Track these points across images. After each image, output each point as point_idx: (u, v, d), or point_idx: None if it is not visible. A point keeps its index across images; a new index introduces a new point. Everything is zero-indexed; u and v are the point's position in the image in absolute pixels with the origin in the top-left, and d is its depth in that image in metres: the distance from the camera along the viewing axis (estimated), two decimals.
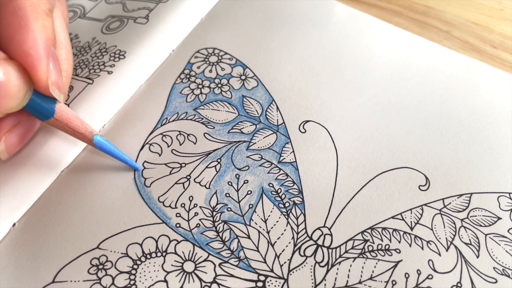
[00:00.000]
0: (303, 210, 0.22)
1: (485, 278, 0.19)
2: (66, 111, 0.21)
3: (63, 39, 0.23)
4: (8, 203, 0.22)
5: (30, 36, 0.18)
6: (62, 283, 0.20)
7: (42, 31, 0.19)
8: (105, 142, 0.22)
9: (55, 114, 0.20)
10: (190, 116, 0.25)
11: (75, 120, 0.21)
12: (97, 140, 0.21)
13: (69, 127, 0.21)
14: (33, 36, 0.18)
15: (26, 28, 0.18)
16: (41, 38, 0.19)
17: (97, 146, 0.22)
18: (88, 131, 0.21)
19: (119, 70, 0.27)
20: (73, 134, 0.21)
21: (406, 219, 0.21)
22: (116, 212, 0.22)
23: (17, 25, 0.18)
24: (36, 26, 0.18)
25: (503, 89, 0.26)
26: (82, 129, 0.21)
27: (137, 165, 0.23)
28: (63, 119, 0.21)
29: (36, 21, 0.19)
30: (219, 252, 0.20)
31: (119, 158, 0.22)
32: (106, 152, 0.22)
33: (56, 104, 0.20)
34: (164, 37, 0.29)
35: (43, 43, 0.19)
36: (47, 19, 0.19)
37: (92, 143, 0.21)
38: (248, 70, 0.27)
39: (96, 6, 0.32)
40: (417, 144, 0.24)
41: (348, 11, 0.30)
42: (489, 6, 0.31)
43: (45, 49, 0.19)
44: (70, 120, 0.21)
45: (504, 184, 0.22)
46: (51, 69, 0.19)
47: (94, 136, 0.21)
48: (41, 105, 0.20)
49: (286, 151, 0.24)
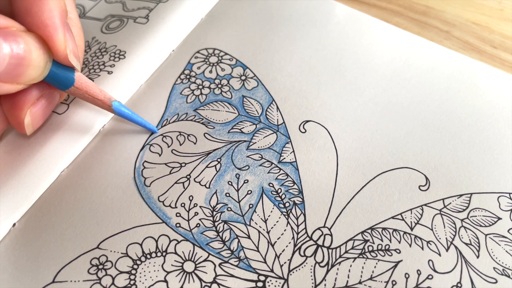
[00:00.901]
0: (303, 210, 0.22)
1: (485, 278, 0.19)
2: (84, 79, 0.22)
3: (74, 18, 0.24)
4: (8, 203, 0.22)
5: (46, 7, 0.19)
6: (62, 283, 0.20)
7: (56, 2, 0.19)
8: (123, 107, 0.23)
9: (75, 83, 0.21)
10: (190, 117, 0.25)
11: (94, 88, 0.22)
12: (115, 106, 0.23)
13: (89, 95, 0.22)
14: (48, 7, 0.19)
15: (42, 0, 0.19)
16: (56, 9, 0.19)
17: (116, 112, 0.23)
18: (107, 97, 0.22)
19: (119, 70, 0.27)
20: (92, 101, 0.22)
21: (406, 219, 0.21)
22: (116, 212, 0.22)
23: None
24: None
25: (503, 89, 0.26)
26: (101, 96, 0.22)
27: (155, 128, 0.24)
28: (82, 87, 0.21)
29: None
30: (219, 252, 0.20)
31: (137, 122, 0.24)
32: (124, 116, 0.23)
33: (75, 73, 0.21)
34: (164, 37, 0.29)
35: (58, 14, 0.19)
36: None
37: (111, 108, 0.23)
38: (248, 71, 0.27)
39: (96, 6, 0.32)
40: (417, 144, 0.24)
41: (348, 12, 0.30)
42: (489, 6, 0.31)
43: (61, 20, 0.19)
44: (89, 87, 0.22)
45: (504, 184, 0.22)
46: (68, 38, 0.20)
47: (112, 102, 0.22)
48: (61, 75, 0.20)
49: (286, 151, 0.24)
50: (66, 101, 0.25)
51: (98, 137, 0.25)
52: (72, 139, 0.24)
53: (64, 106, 0.25)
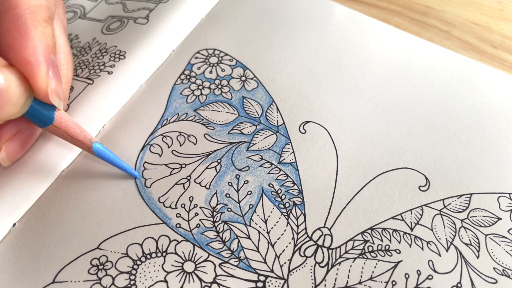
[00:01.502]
0: (303, 210, 0.22)
1: (485, 279, 0.19)
2: (65, 118, 0.21)
3: (62, 43, 0.23)
4: (8, 203, 0.22)
5: (30, 43, 0.18)
6: (62, 283, 0.20)
7: (41, 39, 0.19)
8: (104, 149, 0.22)
9: (55, 121, 0.20)
10: (191, 117, 0.25)
11: (74, 128, 0.21)
12: (96, 148, 0.22)
13: (68, 134, 0.21)
14: (32, 43, 0.18)
15: (25, 36, 0.18)
16: (41, 46, 0.19)
17: (96, 154, 0.22)
18: (88, 138, 0.21)
19: (119, 71, 0.27)
20: (72, 141, 0.21)
21: (406, 219, 0.21)
22: (116, 213, 0.22)
23: (17, 33, 0.18)
24: (35, 33, 0.18)
25: (503, 89, 0.26)
26: (81, 136, 0.21)
27: (137, 173, 0.23)
28: (62, 126, 0.21)
29: (36, 28, 0.19)
30: (219, 252, 0.20)
31: (118, 166, 0.22)
32: (105, 160, 0.22)
33: (56, 111, 0.20)
34: (164, 38, 0.29)
35: (42, 50, 0.19)
36: (46, 26, 0.19)
37: (91, 150, 0.22)
38: (248, 71, 0.27)
39: (96, 7, 0.32)
40: (417, 144, 0.24)
41: (347, 12, 0.30)
42: (489, 6, 0.31)
43: (45, 57, 0.19)
44: (69, 127, 0.21)
45: (504, 185, 0.22)
46: (51, 76, 0.19)
47: (93, 144, 0.21)
48: (40, 112, 0.20)
49: (286, 151, 0.24)
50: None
51: (98, 137, 0.25)
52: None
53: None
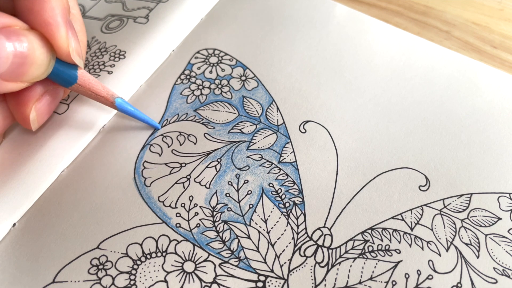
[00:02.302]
0: (303, 210, 0.22)
1: (485, 279, 0.19)
2: (87, 76, 0.22)
3: (76, 14, 0.24)
4: (8, 203, 0.22)
5: (48, 5, 0.19)
6: (62, 283, 0.20)
7: (58, 1, 0.19)
8: (126, 103, 0.23)
9: (78, 80, 0.21)
10: (191, 117, 0.25)
11: (97, 85, 0.22)
12: (118, 102, 0.23)
13: (91, 91, 0.22)
14: (50, 5, 0.19)
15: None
16: (58, 8, 0.19)
17: (119, 108, 0.23)
18: (110, 94, 0.23)
19: (119, 70, 0.27)
20: (95, 98, 0.22)
21: (406, 219, 0.21)
22: (116, 212, 0.22)
23: None
24: None
25: (503, 89, 0.26)
26: (104, 93, 0.22)
27: (157, 124, 0.24)
28: (85, 84, 0.22)
29: None
30: (219, 252, 0.20)
31: (140, 118, 0.24)
32: (127, 113, 0.23)
33: (78, 70, 0.21)
34: (164, 37, 0.29)
35: (60, 12, 0.19)
36: None
37: (114, 105, 0.23)
38: (248, 71, 0.27)
39: (96, 5, 0.32)
40: (417, 144, 0.24)
41: (348, 12, 0.30)
42: (489, 6, 0.31)
43: (63, 18, 0.19)
44: (92, 84, 0.22)
45: (504, 185, 0.22)
46: (70, 36, 0.20)
47: (115, 99, 0.23)
48: (64, 72, 0.21)
49: (286, 151, 0.24)
50: (66, 101, 0.25)
51: (98, 137, 0.25)
52: (72, 139, 0.24)
53: (64, 106, 0.25)
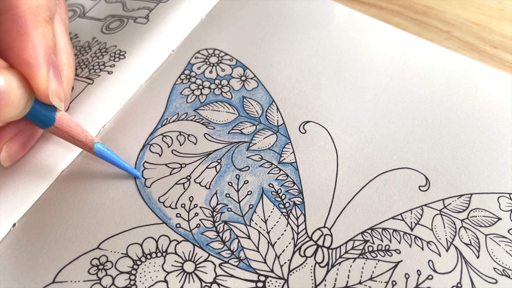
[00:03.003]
0: (303, 210, 0.22)
1: (485, 279, 0.19)
2: (66, 119, 0.21)
3: (63, 43, 0.23)
4: (8, 203, 0.22)
5: (30, 44, 0.18)
6: (62, 283, 0.20)
7: (41, 40, 0.19)
8: (106, 150, 0.22)
9: (56, 122, 0.20)
10: (191, 117, 0.25)
11: (76, 128, 0.21)
12: (97, 148, 0.22)
13: (69, 135, 0.21)
14: (32, 44, 0.18)
15: (25, 37, 0.18)
16: (41, 47, 0.18)
17: (98, 154, 0.22)
18: (89, 139, 0.21)
19: (119, 70, 0.27)
20: (73, 142, 0.21)
21: (406, 219, 0.21)
22: (116, 212, 0.22)
23: (17, 33, 0.18)
24: (35, 34, 0.18)
25: (503, 89, 0.26)
26: (83, 137, 0.21)
27: (138, 173, 0.23)
28: (63, 127, 0.21)
29: (36, 29, 0.18)
30: (219, 253, 0.20)
31: (120, 166, 0.22)
32: (107, 160, 0.22)
33: (57, 112, 0.20)
34: (164, 37, 0.29)
35: (42, 51, 0.18)
36: (47, 26, 0.19)
37: (92, 151, 0.22)
38: (248, 71, 0.27)
39: (96, 6, 0.32)
40: (417, 144, 0.24)
41: (348, 12, 0.30)
42: (489, 6, 0.31)
43: (45, 58, 0.18)
44: (71, 128, 0.21)
45: (504, 185, 0.22)
46: (51, 77, 0.19)
47: (94, 144, 0.21)
48: (41, 113, 0.20)
49: (286, 151, 0.24)
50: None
51: (98, 137, 0.25)
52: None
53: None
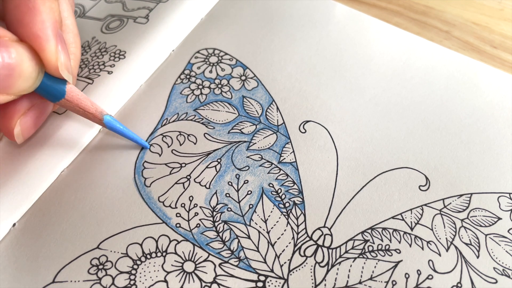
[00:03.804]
0: (303, 210, 0.22)
1: (485, 279, 0.19)
2: (76, 92, 0.21)
3: (70, 24, 0.24)
4: (8, 203, 0.22)
5: (38, 18, 0.19)
6: (62, 283, 0.20)
7: (49, 13, 0.19)
8: (115, 121, 0.22)
9: (66, 95, 0.21)
10: (190, 117, 0.25)
11: (85, 101, 0.21)
12: (107, 120, 0.22)
13: (79, 108, 0.21)
14: (41, 18, 0.19)
15: (34, 10, 0.19)
16: (49, 20, 0.19)
17: (107, 126, 0.22)
18: (98, 111, 0.22)
19: (119, 70, 0.27)
20: (83, 114, 0.22)
21: (406, 219, 0.21)
22: (116, 212, 0.22)
23: (26, 8, 0.19)
24: (43, 8, 0.19)
25: (503, 89, 0.26)
26: (92, 109, 0.22)
27: (146, 144, 0.23)
28: (73, 99, 0.21)
29: (44, 4, 0.19)
30: (219, 252, 0.20)
31: (129, 137, 0.23)
32: (116, 131, 0.23)
33: (66, 85, 0.21)
34: (164, 37, 0.29)
35: (51, 25, 0.19)
36: (53, 2, 0.20)
37: (102, 122, 0.22)
38: (248, 71, 0.27)
39: (96, 5, 0.32)
40: (417, 144, 0.24)
41: (348, 12, 0.30)
42: (489, 6, 0.31)
43: (53, 31, 0.19)
44: (80, 100, 0.21)
45: (504, 184, 0.22)
46: (60, 50, 0.19)
47: (104, 116, 0.22)
48: (52, 87, 0.20)
49: (286, 151, 0.24)
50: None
51: (98, 137, 0.25)
52: (72, 139, 0.24)
53: None
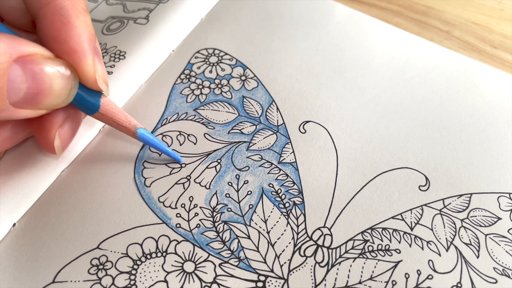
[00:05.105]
0: (303, 210, 0.22)
1: (485, 278, 0.19)
2: (111, 105, 0.21)
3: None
4: (8, 203, 0.22)
5: (74, 32, 0.19)
6: (62, 283, 0.20)
7: (84, 28, 0.19)
8: (149, 135, 0.22)
9: (100, 109, 0.21)
10: (190, 117, 0.25)
11: (120, 114, 0.21)
12: (140, 133, 0.22)
13: (113, 121, 0.21)
14: (77, 32, 0.19)
15: (69, 26, 0.19)
16: (85, 34, 0.19)
17: (141, 139, 0.22)
18: (132, 124, 0.22)
19: (119, 71, 0.27)
20: (117, 127, 0.22)
21: (406, 219, 0.21)
22: (116, 212, 0.22)
23: (60, 24, 0.19)
24: (78, 23, 0.19)
25: (503, 89, 0.26)
26: (126, 123, 0.22)
27: (180, 158, 0.23)
28: (108, 113, 0.21)
29: (78, 18, 0.19)
30: (219, 253, 0.20)
31: (162, 150, 0.23)
32: (150, 144, 0.23)
33: (101, 98, 0.21)
34: (164, 38, 0.29)
35: (87, 38, 0.19)
36: (86, 15, 0.20)
37: (135, 136, 0.22)
38: (248, 71, 0.27)
39: (97, 7, 0.32)
40: (417, 144, 0.24)
41: (348, 12, 0.30)
42: (489, 6, 0.31)
43: (90, 45, 0.19)
44: (115, 114, 0.21)
45: (504, 184, 0.22)
46: (97, 63, 0.19)
47: (137, 130, 0.22)
48: (87, 100, 0.20)
49: (286, 151, 0.24)
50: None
51: (98, 137, 0.25)
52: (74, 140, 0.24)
53: None
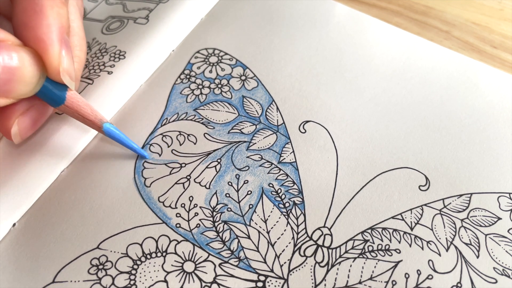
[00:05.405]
0: (303, 210, 0.22)
1: (485, 278, 0.19)
2: (76, 98, 0.21)
3: (76, 27, 0.24)
4: (8, 203, 0.22)
5: (44, 22, 0.19)
6: (62, 283, 0.20)
7: (56, 19, 0.19)
8: (114, 129, 0.22)
9: (66, 101, 0.21)
10: (190, 117, 0.25)
11: (85, 108, 0.21)
12: (106, 128, 0.22)
13: (79, 114, 0.21)
14: (47, 22, 0.19)
15: (40, 14, 0.19)
16: (55, 25, 0.19)
17: (106, 133, 0.22)
18: (98, 118, 0.22)
19: (119, 70, 0.27)
20: (83, 121, 0.22)
21: (406, 219, 0.21)
22: (116, 212, 0.22)
23: (32, 11, 0.19)
24: (50, 13, 0.19)
25: (503, 89, 0.26)
26: (92, 117, 0.22)
27: (146, 153, 0.23)
28: (73, 106, 0.21)
29: (52, 8, 0.19)
30: (219, 252, 0.20)
31: (127, 145, 0.23)
32: (115, 139, 0.22)
33: (67, 91, 0.21)
34: (164, 37, 0.29)
35: (56, 29, 0.19)
36: (62, 7, 0.20)
37: (101, 130, 0.22)
38: (248, 71, 0.27)
39: (97, 7, 0.32)
40: (417, 144, 0.24)
41: (348, 12, 0.30)
42: (489, 6, 0.31)
43: (58, 36, 0.19)
44: (80, 107, 0.21)
45: (504, 184, 0.22)
46: (63, 55, 0.19)
47: (103, 124, 0.22)
48: (52, 92, 0.20)
49: (286, 151, 0.24)
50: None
51: (98, 136, 0.25)
52: (72, 139, 0.24)
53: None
